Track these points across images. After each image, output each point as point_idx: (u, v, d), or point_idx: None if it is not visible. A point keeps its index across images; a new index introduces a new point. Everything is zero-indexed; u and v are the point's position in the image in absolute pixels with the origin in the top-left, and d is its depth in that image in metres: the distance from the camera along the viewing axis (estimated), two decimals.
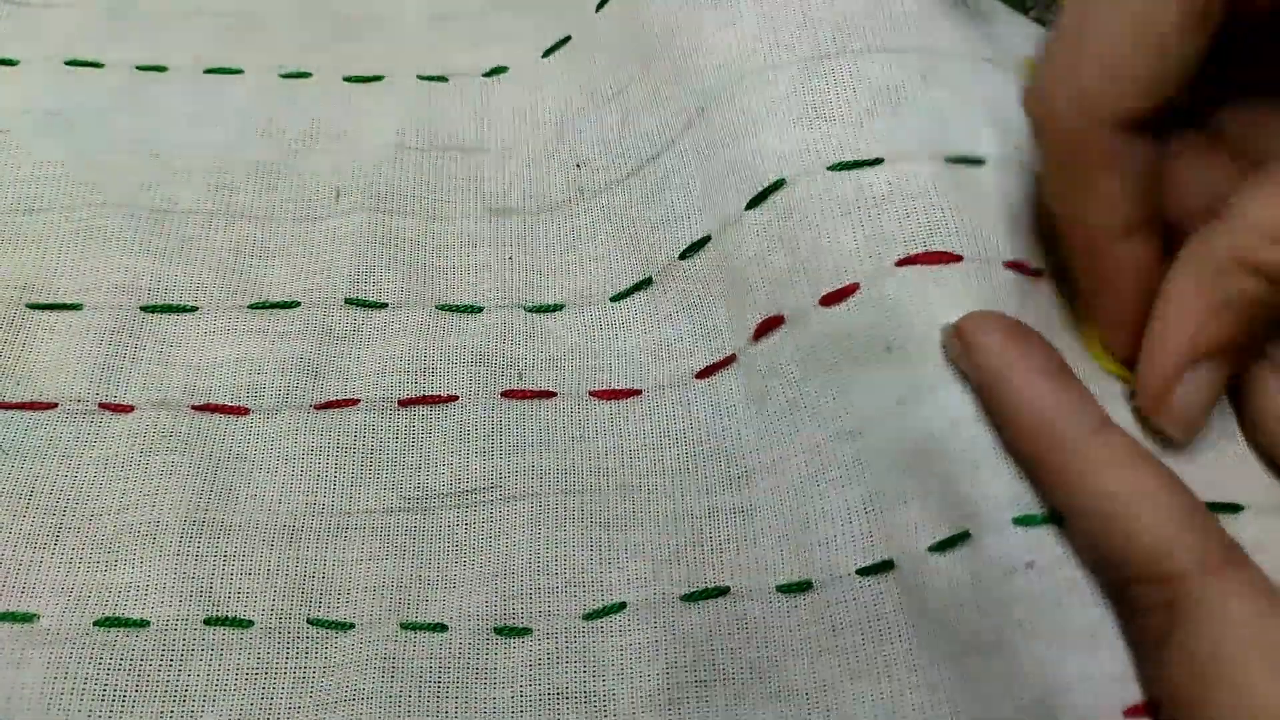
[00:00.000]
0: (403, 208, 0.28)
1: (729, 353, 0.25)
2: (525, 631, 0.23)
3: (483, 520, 0.24)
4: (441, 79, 0.31)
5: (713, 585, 0.23)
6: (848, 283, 0.22)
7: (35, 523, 0.23)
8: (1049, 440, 0.19)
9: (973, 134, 0.24)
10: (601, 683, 0.22)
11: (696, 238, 0.26)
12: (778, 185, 0.24)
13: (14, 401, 0.25)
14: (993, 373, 0.20)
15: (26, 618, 0.22)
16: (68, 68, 0.30)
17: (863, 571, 0.22)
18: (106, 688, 0.22)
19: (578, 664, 0.22)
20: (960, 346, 0.21)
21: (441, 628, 0.23)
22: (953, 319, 0.21)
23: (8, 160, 0.28)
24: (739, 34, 0.26)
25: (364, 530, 0.24)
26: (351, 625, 0.23)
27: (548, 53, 0.31)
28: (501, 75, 0.31)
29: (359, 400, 0.25)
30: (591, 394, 0.25)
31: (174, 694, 0.22)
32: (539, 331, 0.26)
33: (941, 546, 0.21)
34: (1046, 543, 0.19)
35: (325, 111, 0.30)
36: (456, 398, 0.25)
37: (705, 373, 0.25)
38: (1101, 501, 0.19)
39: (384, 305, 0.26)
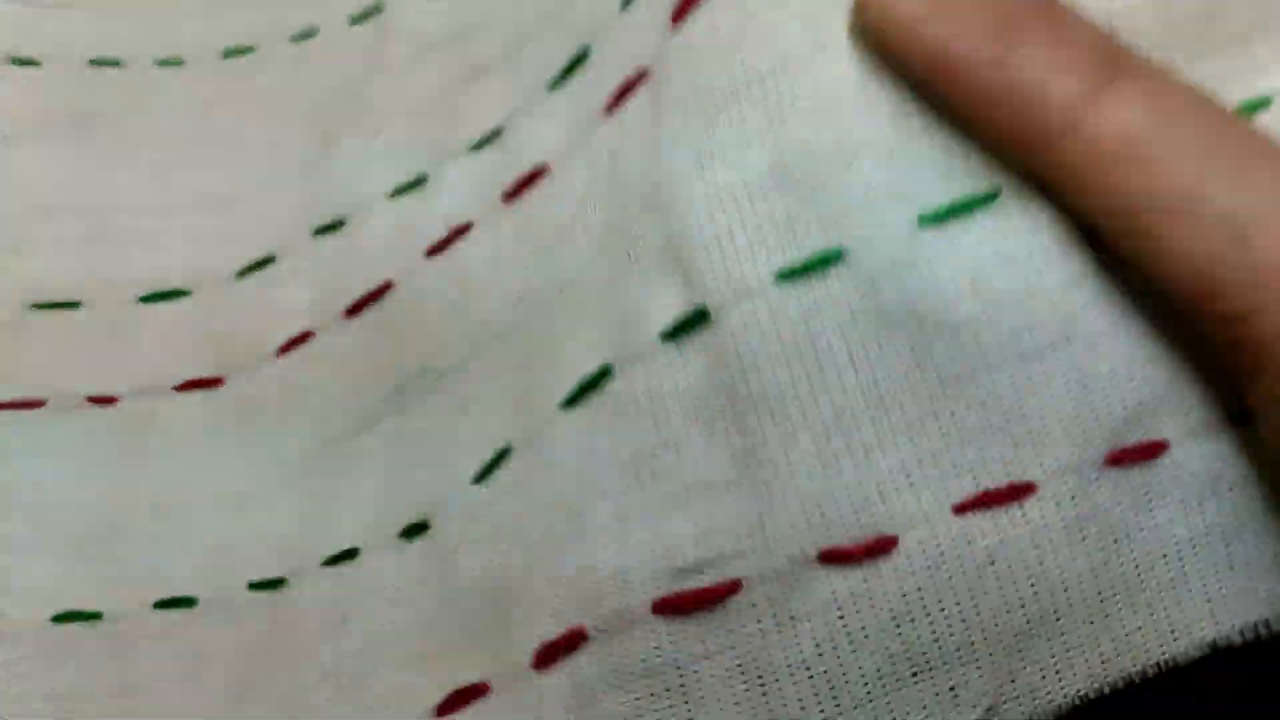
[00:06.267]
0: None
1: None
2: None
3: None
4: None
5: None
6: None
7: (11, 525, 0.23)
8: (1025, 135, 0.14)
9: None
10: None
11: None
12: None
13: (3, 401, 0.24)
14: (922, 57, 0.14)
15: None
16: (91, 67, 0.30)
17: None
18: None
19: None
20: (869, 28, 0.15)
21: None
22: None
23: (25, 163, 0.28)
24: None
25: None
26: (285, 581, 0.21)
27: None
28: None
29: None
30: None
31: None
32: None
33: None
34: None
35: (342, 73, 0.29)
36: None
37: None
38: (1112, 219, 0.14)
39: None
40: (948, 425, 0.15)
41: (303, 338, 0.24)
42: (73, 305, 0.26)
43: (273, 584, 0.21)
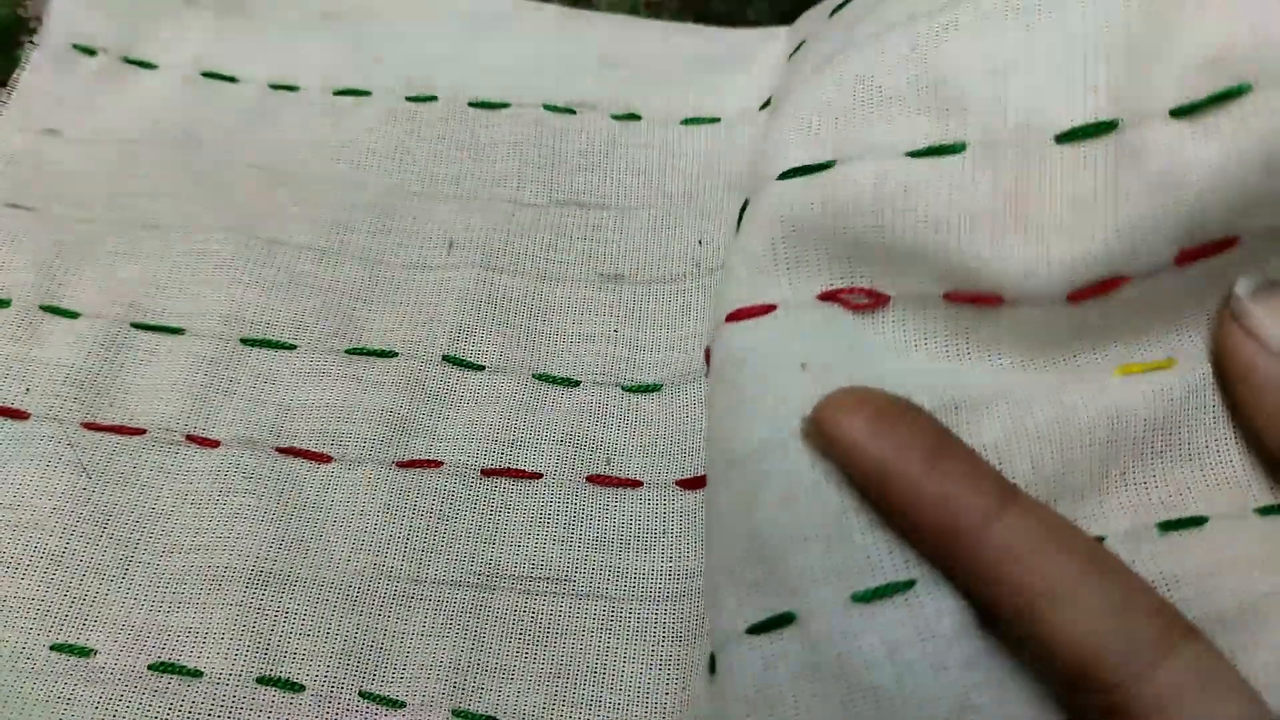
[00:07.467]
0: (513, 266, 0.27)
1: None
2: None
3: (551, 613, 0.23)
4: (569, 111, 0.29)
5: None
6: None
7: (107, 553, 0.23)
8: (946, 534, 0.17)
9: None
10: None
11: None
12: None
13: (104, 423, 0.24)
14: (866, 469, 0.18)
15: (83, 652, 0.22)
16: (203, 79, 0.30)
17: None
18: None
19: None
20: (823, 440, 0.19)
21: None
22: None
23: (134, 172, 0.28)
24: None
25: (428, 602, 0.23)
26: (403, 704, 0.22)
27: (689, 122, 0.29)
28: (633, 122, 0.29)
29: (442, 463, 0.24)
30: (678, 484, 0.24)
31: None
32: (634, 414, 0.25)
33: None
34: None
35: (446, 148, 0.29)
36: (540, 475, 0.24)
37: None
38: (1012, 602, 0.17)
39: (481, 367, 0.26)
40: None
41: (434, 463, 0.25)
42: (175, 331, 0.26)
43: None
